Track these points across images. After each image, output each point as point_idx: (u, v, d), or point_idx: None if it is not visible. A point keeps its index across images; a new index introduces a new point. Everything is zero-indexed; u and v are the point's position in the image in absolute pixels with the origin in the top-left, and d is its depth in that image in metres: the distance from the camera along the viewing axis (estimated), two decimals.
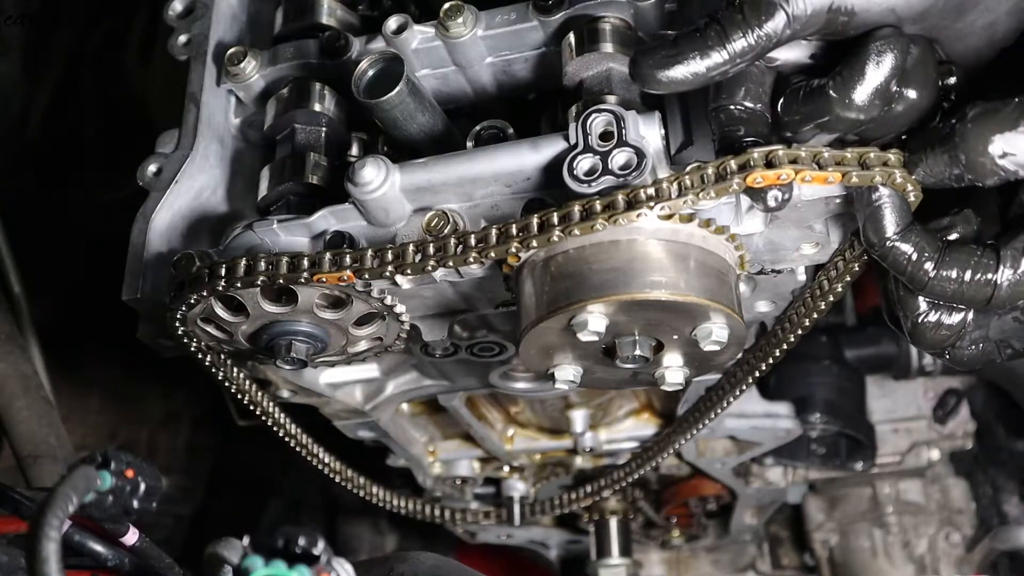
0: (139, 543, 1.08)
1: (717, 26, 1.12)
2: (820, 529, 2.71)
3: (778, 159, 1.14)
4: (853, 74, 1.13)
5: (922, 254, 1.17)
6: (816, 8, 1.11)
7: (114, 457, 0.97)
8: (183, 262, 1.33)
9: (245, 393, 1.62)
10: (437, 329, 1.50)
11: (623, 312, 1.20)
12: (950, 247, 1.18)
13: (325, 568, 0.92)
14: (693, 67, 1.13)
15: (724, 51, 1.12)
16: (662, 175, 1.23)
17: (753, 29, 1.11)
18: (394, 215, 1.31)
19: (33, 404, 2.02)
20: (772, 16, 1.11)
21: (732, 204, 1.24)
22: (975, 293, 1.17)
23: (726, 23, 1.11)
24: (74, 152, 2.92)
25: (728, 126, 1.20)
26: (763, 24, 1.11)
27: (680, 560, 2.97)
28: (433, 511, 2.38)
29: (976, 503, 2.64)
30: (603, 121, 1.22)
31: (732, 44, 1.11)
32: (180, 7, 1.58)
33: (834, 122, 1.15)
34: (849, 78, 1.13)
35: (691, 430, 1.95)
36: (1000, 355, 1.27)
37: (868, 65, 1.13)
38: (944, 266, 1.17)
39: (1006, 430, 2.62)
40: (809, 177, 1.15)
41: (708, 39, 1.12)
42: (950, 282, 1.17)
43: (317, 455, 1.92)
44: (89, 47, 2.92)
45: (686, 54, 1.12)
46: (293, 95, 1.43)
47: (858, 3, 1.12)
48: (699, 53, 1.12)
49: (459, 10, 1.36)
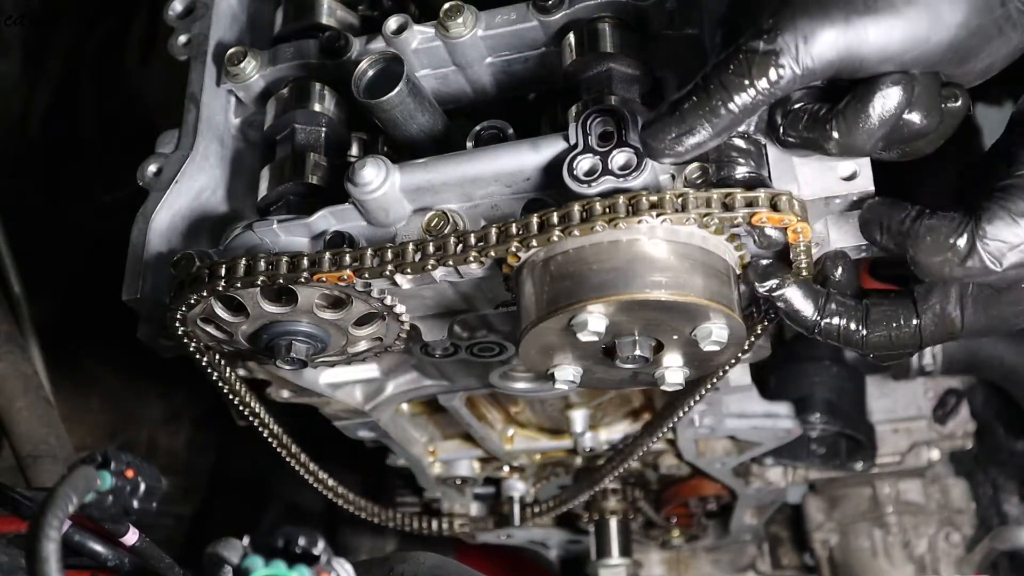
0: (139, 543, 1.08)
1: (721, 88, 1.09)
2: (820, 529, 2.70)
3: (783, 205, 1.16)
4: (857, 117, 1.13)
5: (849, 323, 1.26)
6: (824, 63, 1.09)
7: (114, 457, 0.97)
8: (183, 262, 1.33)
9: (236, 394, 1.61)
10: (437, 329, 1.50)
11: (623, 312, 1.20)
12: (870, 309, 1.27)
13: (325, 568, 0.92)
14: (702, 136, 1.12)
15: (732, 114, 1.10)
16: (662, 176, 1.23)
17: (759, 87, 1.09)
18: (394, 215, 1.31)
19: (33, 404, 2.02)
20: (778, 74, 1.08)
21: None
22: (907, 340, 1.26)
23: (729, 85, 1.09)
24: (74, 152, 2.91)
25: (725, 158, 1.20)
26: (770, 83, 1.09)
27: (680, 560, 2.97)
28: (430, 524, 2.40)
29: (976, 503, 2.63)
30: (603, 121, 1.22)
31: (737, 104, 1.10)
32: (180, 7, 1.58)
33: (835, 152, 1.17)
34: (853, 120, 1.13)
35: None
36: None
37: (872, 108, 1.12)
38: (871, 326, 1.26)
39: (1006, 430, 2.61)
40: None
41: (712, 103, 1.10)
42: (881, 337, 1.26)
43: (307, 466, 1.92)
44: (89, 47, 2.91)
45: (693, 126, 1.11)
46: (293, 95, 1.43)
47: (868, 58, 1.10)
48: (706, 121, 1.11)
49: (459, 10, 1.36)
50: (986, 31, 1.11)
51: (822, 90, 1.19)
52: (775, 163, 1.25)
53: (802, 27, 1.07)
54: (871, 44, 1.08)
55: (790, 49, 1.07)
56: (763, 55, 1.08)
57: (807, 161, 1.25)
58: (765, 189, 1.17)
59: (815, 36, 1.07)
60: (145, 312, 1.44)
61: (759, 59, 1.08)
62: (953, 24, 1.09)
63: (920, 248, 1.16)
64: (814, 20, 1.07)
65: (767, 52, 1.08)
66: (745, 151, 1.20)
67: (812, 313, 1.26)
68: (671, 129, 1.12)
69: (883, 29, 1.08)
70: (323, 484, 1.99)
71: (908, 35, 1.09)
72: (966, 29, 1.10)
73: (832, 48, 1.08)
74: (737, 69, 1.09)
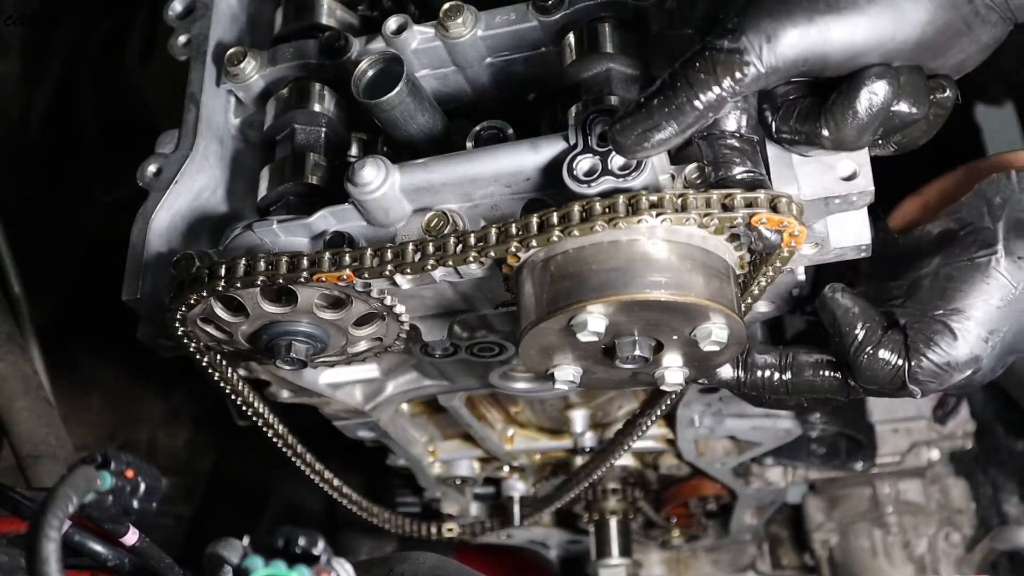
0: (139, 543, 1.08)
1: (686, 85, 1.10)
2: (820, 529, 2.70)
3: (782, 206, 1.16)
4: (845, 113, 1.14)
5: (773, 376, 1.38)
6: (788, 61, 1.10)
7: (114, 457, 0.97)
8: (183, 262, 1.33)
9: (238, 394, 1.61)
10: (437, 329, 1.50)
11: (623, 312, 1.20)
12: (795, 359, 1.38)
13: (325, 568, 0.92)
14: (668, 132, 1.12)
15: (696, 110, 1.10)
16: (662, 176, 1.23)
17: (723, 85, 1.09)
18: (394, 215, 1.31)
19: (33, 404, 2.02)
20: (742, 72, 1.09)
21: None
22: (829, 386, 1.37)
23: (694, 82, 1.10)
24: (74, 152, 2.91)
25: (721, 158, 1.20)
26: (734, 80, 1.09)
27: (680, 560, 2.97)
28: (429, 529, 2.40)
29: (976, 503, 2.63)
30: (603, 121, 1.22)
31: (703, 101, 1.10)
32: (180, 7, 1.58)
33: (828, 147, 1.18)
34: (842, 117, 1.14)
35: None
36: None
37: (859, 104, 1.13)
38: (796, 376, 1.38)
39: (1006, 430, 2.61)
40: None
41: (678, 100, 1.10)
42: (807, 382, 1.38)
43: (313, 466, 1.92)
44: (89, 47, 2.91)
45: (660, 122, 1.11)
46: (293, 95, 1.43)
47: (833, 55, 1.11)
48: (672, 118, 1.11)
49: (459, 10, 1.36)
50: (954, 27, 1.12)
51: (807, 84, 1.20)
52: (774, 163, 1.25)
53: (765, 26, 1.09)
54: (835, 42, 1.10)
55: (754, 48, 1.09)
56: (727, 53, 1.09)
57: (806, 161, 1.25)
58: (765, 190, 1.17)
59: (778, 35, 1.09)
60: (145, 312, 1.44)
61: (723, 57, 1.09)
62: (918, 22, 1.11)
63: (860, 379, 1.31)
64: (777, 20, 1.09)
65: (731, 51, 1.09)
66: (740, 150, 1.21)
67: (729, 377, 1.40)
68: (638, 126, 1.12)
69: (846, 27, 1.09)
70: (328, 484, 1.99)
71: (871, 33, 1.10)
72: (932, 26, 1.11)
73: (795, 47, 1.09)
74: (702, 67, 1.10)
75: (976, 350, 1.24)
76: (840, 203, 1.25)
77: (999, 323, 1.24)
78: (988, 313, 1.24)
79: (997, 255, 1.25)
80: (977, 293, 1.25)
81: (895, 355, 1.27)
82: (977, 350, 1.24)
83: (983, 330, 1.24)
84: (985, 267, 1.25)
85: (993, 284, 1.24)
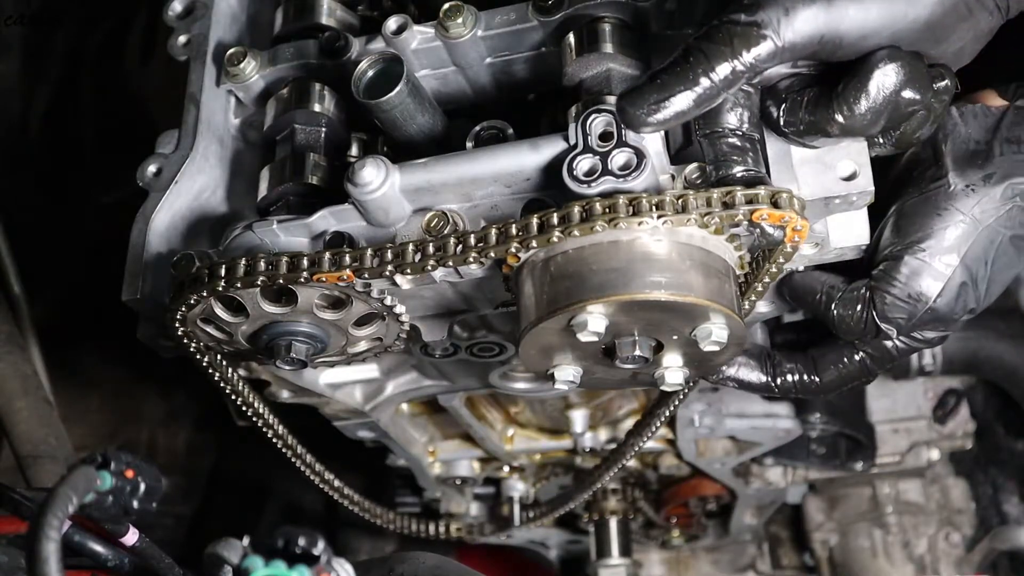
0: (139, 543, 1.08)
1: (702, 57, 1.10)
2: (820, 529, 2.71)
3: (783, 202, 1.16)
4: (859, 95, 1.14)
5: (761, 377, 1.47)
6: (805, 37, 1.11)
7: (114, 457, 0.97)
8: (183, 262, 1.33)
9: (238, 394, 1.61)
10: (437, 329, 1.50)
11: (623, 312, 1.20)
12: (777, 361, 1.47)
13: (325, 568, 0.92)
14: (680, 105, 1.11)
15: (710, 84, 1.10)
16: (662, 176, 1.23)
17: (740, 58, 1.10)
18: (394, 215, 1.31)
19: (33, 404, 2.02)
20: (759, 45, 1.10)
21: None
22: (854, 372, 1.44)
23: (711, 54, 1.10)
24: (74, 152, 2.91)
25: (722, 157, 1.21)
26: (750, 53, 1.10)
27: (680, 560, 2.97)
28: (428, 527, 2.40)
29: (976, 503, 2.64)
30: (603, 121, 1.22)
31: (718, 73, 1.10)
32: (180, 7, 1.58)
33: (838, 134, 1.19)
34: (855, 99, 1.15)
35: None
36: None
37: (872, 84, 1.14)
38: (780, 376, 1.47)
39: (1006, 430, 2.61)
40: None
41: (693, 72, 1.10)
42: (789, 381, 1.47)
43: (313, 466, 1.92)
44: (89, 47, 2.91)
45: (673, 93, 1.11)
46: (293, 95, 1.43)
47: (847, 34, 1.12)
48: (686, 90, 1.11)
49: (459, 10, 1.36)
50: (958, 11, 1.14)
51: (811, 76, 1.21)
52: (775, 163, 1.25)
53: (783, 1, 1.10)
54: (851, 20, 1.11)
55: (771, 22, 1.09)
56: (745, 26, 1.10)
57: (807, 161, 1.25)
58: (765, 186, 1.17)
59: (796, 10, 1.10)
60: (145, 312, 1.44)
61: (741, 30, 1.10)
62: (928, 1, 1.12)
63: (841, 333, 1.37)
64: None
65: (749, 23, 1.10)
66: (741, 149, 1.21)
67: (764, 378, 1.47)
68: (651, 95, 1.12)
69: (862, 5, 1.11)
70: (328, 484, 1.99)
71: (886, 12, 1.12)
72: (941, 7, 1.13)
73: (812, 23, 1.10)
74: (720, 39, 1.10)
75: (937, 279, 1.28)
76: (840, 203, 1.25)
77: (955, 250, 1.28)
78: (942, 241, 1.28)
79: (946, 186, 1.29)
80: (930, 224, 1.28)
81: (860, 300, 1.32)
82: (938, 279, 1.28)
83: (940, 259, 1.28)
84: (935, 198, 1.29)
85: (944, 214, 1.28)
